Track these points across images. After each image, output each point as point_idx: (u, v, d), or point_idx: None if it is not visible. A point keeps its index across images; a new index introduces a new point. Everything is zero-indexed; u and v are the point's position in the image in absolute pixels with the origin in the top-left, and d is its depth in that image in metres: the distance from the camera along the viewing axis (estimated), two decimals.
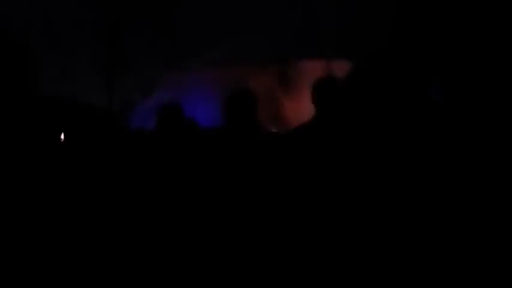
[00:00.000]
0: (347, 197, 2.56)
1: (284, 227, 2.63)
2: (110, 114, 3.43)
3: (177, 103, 3.42)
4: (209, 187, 2.81)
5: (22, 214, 2.59)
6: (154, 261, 2.75)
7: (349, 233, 2.52)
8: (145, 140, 3.42)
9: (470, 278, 2.33)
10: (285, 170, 2.74)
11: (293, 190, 2.68)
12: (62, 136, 2.92)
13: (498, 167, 2.48)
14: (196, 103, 7.26)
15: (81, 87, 7.89)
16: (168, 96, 8.16)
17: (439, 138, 2.56)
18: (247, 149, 2.85)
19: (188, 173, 2.91)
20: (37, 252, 2.58)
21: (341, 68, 8.07)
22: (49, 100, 3.00)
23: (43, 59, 8.10)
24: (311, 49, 8.63)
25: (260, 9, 8.40)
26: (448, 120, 2.67)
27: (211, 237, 2.69)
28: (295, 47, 8.65)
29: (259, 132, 2.98)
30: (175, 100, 7.38)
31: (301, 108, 8.57)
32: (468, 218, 2.44)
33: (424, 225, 2.49)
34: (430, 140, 2.54)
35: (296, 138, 2.89)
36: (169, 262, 2.75)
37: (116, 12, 8.68)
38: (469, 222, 2.44)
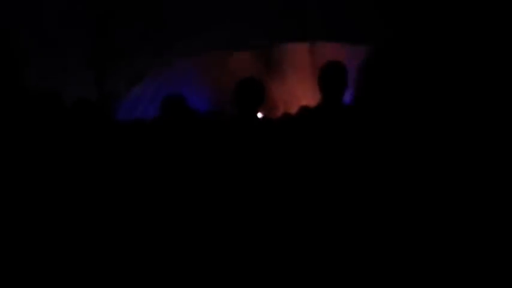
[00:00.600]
0: (350, 189, 2.56)
1: (291, 221, 2.65)
2: (96, 106, 3.48)
3: (180, 94, 3.46)
4: (221, 176, 2.85)
5: (11, 210, 2.63)
6: (157, 256, 2.81)
7: (351, 227, 2.52)
8: (150, 130, 3.44)
9: (470, 278, 2.34)
10: (292, 157, 2.76)
11: (300, 182, 2.71)
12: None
13: (499, 167, 2.45)
14: (186, 87, 7.33)
15: (71, 81, 7.93)
16: (154, 87, 8.27)
17: (443, 135, 2.45)
18: (258, 137, 2.91)
19: (199, 162, 2.98)
20: (31, 250, 2.61)
21: (325, 49, 8.15)
22: (35, 94, 3.03)
23: (32, 53, 8.16)
24: (295, 31, 8.67)
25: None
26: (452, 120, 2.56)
27: (218, 230, 2.75)
28: (279, 30, 8.68)
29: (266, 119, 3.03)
30: (162, 90, 7.51)
31: (286, 90, 8.67)
32: (468, 217, 2.43)
33: (426, 223, 2.46)
34: (434, 137, 2.42)
35: (303, 125, 2.89)
36: (172, 257, 2.81)
37: (104, 4, 8.69)
38: (469, 222, 2.43)
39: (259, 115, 5.86)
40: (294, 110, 3.43)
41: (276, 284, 2.56)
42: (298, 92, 8.14)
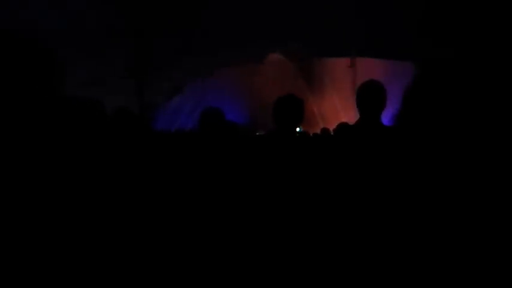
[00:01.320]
0: (375, 207, 2.58)
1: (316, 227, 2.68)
2: (136, 116, 3.54)
3: (217, 108, 3.53)
4: (254, 189, 2.90)
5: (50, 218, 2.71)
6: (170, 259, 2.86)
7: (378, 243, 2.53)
8: (187, 142, 3.50)
9: (470, 278, 2.28)
10: (325, 173, 2.79)
11: (330, 197, 2.73)
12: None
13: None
14: (220, 102, 7.40)
15: (111, 91, 8.14)
16: (193, 98, 8.38)
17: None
18: (296, 151, 2.95)
19: (234, 176, 3.04)
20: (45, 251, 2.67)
21: (366, 65, 8.10)
22: (76, 102, 3.10)
23: (74, 63, 8.43)
24: (337, 46, 8.67)
25: (284, 10, 8.49)
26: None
27: (241, 237, 2.80)
28: (321, 43, 8.70)
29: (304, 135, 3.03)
30: (198, 101, 7.60)
31: (326, 105, 8.64)
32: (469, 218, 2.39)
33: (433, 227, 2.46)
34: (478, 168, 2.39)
35: (338, 143, 2.91)
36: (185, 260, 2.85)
37: (145, 18, 8.89)
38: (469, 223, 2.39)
39: (298, 129, 5.85)
40: (333, 125, 3.42)
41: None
42: (338, 108, 8.10)
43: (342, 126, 3.07)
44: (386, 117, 3.02)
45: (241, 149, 3.17)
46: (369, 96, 2.83)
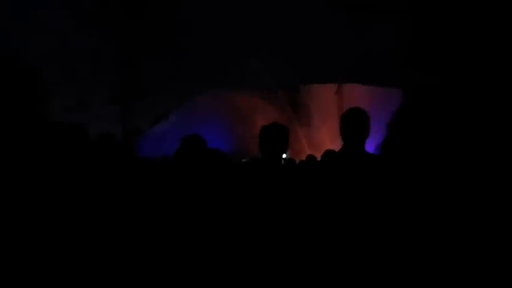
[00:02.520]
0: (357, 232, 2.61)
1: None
2: (119, 141, 3.54)
3: (197, 134, 3.56)
4: (238, 215, 2.92)
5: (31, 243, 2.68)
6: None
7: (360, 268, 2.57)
8: (167, 168, 3.51)
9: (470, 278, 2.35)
10: (309, 200, 2.82)
11: (314, 223, 2.76)
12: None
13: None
14: (206, 129, 7.42)
15: (95, 116, 8.11)
16: (177, 126, 8.40)
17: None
18: (280, 179, 2.97)
19: (216, 203, 3.05)
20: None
21: (351, 92, 8.21)
22: (59, 126, 3.09)
23: (58, 87, 8.42)
24: (323, 73, 8.76)
25: (269, 36, 8.60)
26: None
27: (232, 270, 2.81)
28: (307, 70, 8.79)
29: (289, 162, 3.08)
30: (183, 127, 7.62)
31: (312, 132, 8.72)
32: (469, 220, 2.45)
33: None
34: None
35: (323, 169, 2.94)
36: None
37: (131, 44, 8.96)
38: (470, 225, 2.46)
39: (284, 156, 5.88)
40: (318, 151, 3.46)
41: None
42: (325, 136, 8.17)
43: (328, 154, 3.10)
44: (371, 145, 3.06)
45: (223, 175, 3.18)
46: (352, 124, 2.87)
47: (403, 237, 2.53)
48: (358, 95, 7.95)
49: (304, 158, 5.53)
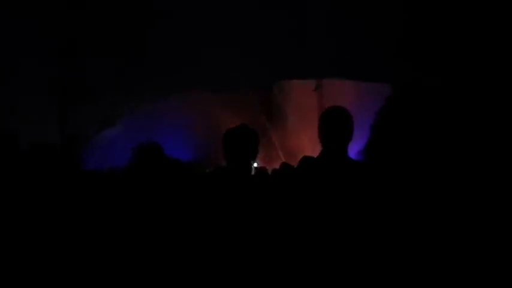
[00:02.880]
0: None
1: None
2: (58, 151, 3.49)
3: (155, 142, 3.54)
4: (201, 235, 2.93)
5: None
6: None
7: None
8: (120, 183, 3.49)
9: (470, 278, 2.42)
10: (283, 216, 2.84)
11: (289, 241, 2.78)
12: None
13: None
14: (164, 135, 7.35)
15: (30, 120, 7.95)
16: (130, 130, 8.31)
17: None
18: (250, 191, 2.97)
19: (177, 220, 3.06)
20: None
21: (333, 89, 8.26)
22: None
23: None
24: (300, 68, 8.75)
25: (239, 29, 8.56)
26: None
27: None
28: (280, 66, 8.78)
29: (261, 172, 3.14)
30: (138, 134, 7.54)
31: (288, 137, 8.72)
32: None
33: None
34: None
35: (299, 180, 2.95)
36: None
37: (72, 34, 8.80)
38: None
39: (255, 165, 5.90)
40: (297, 159, 3.48)
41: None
42: (303, 141, 8.19)
43: (305, 160, 3.12)
44: (355, 149, 3.08)
45: (184, 190, 3.17)
46: (333, 125, 2.89)
47: (389, 248, 2.58)
48: (340, 92, 8.00)
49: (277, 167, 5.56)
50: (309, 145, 7.66)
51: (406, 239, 2.57)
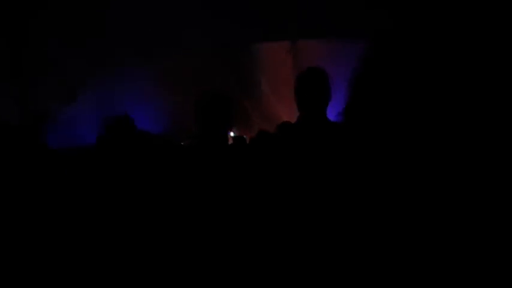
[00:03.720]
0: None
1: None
2: (18, 128, 3.41)
3: (126, 114, 3.47)
4: (185, 212, 2.90)
5: None
6: None
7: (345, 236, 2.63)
8: (90, 158, 3.43)
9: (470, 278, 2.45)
10: (262, 185, 2.82)
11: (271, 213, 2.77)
12: None
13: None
14: (132, 104, 7.26)
15: None
16: (93, 104, 8.19)
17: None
18: (225, 162, 2.94)
19: (151, 192, 3.02)
20: None
21: (307, 50, 8.20)
22: None
23: None
24: (271, 29, 8.67)
25: None
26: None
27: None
28: (250, 28, 8.68)
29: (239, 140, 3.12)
30: (105, 108, 7.44)
31: (262, 103, 8.69)
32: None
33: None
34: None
35: (277, 146, 2.92)
36: None
37: (27, 5, 8.56)
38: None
39: (231, 134, 5.86)
40: (273, 126, 3.46)
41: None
42: (278, 106, 8.15)
43: (282, 126, 3.10)
44: (334, 110, 3.05)
45: (157, 162, 3.12)
46: (309, 87, 2.85)
47: (373, 219, 2.58)
48: (316, 52, 7.95)
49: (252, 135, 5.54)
50: (286, 109, 7.63)
51: (391, 204, 2.58)
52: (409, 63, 2.08)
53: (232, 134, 5.94)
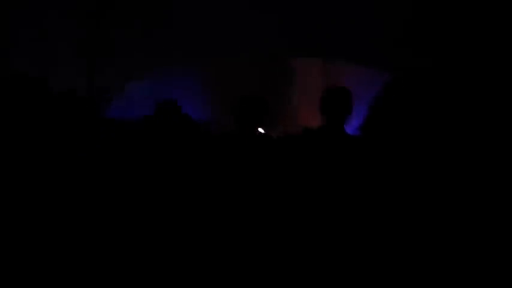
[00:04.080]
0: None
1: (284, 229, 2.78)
2: (83, 99, 3.51)
3: (174, 99, 3.59)
4: (210, 187, 2.97)
5: None
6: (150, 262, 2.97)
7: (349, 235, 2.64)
8: (140, 132, 3.51)
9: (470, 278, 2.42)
10: (284, 176, 2.88)
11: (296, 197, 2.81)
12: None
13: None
14: (181, 97, 7.35)
15: (60, 71, 7.97)
16: (151, 88, 8.34)
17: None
18: (253, 152, 3.03)
19: (189, 170, 3.12)
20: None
21: (340, 70, 8.19)
22: (20, 78, 3.07)
23: (22, 40, 8.23)
24: (309, 46, 8.69)
25: (257, 3, 8.50)
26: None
27: (209, 239, 2.91)
28: (290, 44, 8.72)
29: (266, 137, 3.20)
30: (158, 91, 7.55)
31: (292, 110, 8.69)
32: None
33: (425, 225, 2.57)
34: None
35: (299, 146, 2.99)
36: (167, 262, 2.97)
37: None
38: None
39: (261, 131, 5.91)
40: (296, 131, 3.53)
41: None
42: (306, 113, 8.16)
43: (305, 131, 3.17)
44: (353, 126, 3.11)
45: (196, 145, 3.21)
46: (334, 102, 2.93)
47: (380, 222, 2.61)
48: (344, 74, 7.95)
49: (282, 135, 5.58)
50: (311, 118, 7.61)
51: (397, 211, 2.58)
52: (422, 102, 2.13)
53: (261, 130, 5.98)
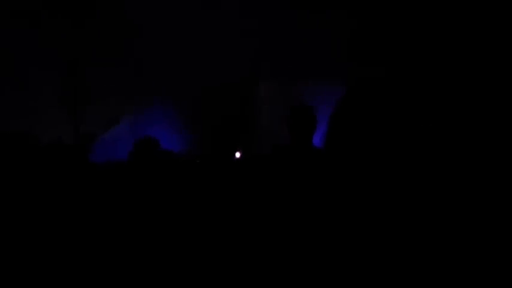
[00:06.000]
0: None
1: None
2: (70, 147, 3.53)
3: (153, 136, 3.62)
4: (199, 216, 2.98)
5: None
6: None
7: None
8: (122, 172, 3.53)
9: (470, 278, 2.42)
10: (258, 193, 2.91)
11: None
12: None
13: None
14: (160, 134, 7.39)
15: (42, 120, 7.91)
16: (132, 128, 8.38)
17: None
18: (232, 172, 3.06)
19: (170, 201, 3.14)
20: None
21: (299, 88, 8.32)
22: (6, 133, 3.06)
23: (3, 96, 8.17)
24: (270, 69, 8.81)
25: (221, 33, 8.59)
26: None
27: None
28: (259, 69, 8.85)
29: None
30: (139, 131, 7.58)
31: (259, 130, 8.77)
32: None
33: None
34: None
35: (270, 163, 3.03)
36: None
37: (76, 47, 8.77)
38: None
39: (238, 155, 5.95)
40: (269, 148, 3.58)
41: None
42: (275, 133, 8.23)
43: (276, 147, 3.23)
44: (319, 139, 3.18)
45: (175, 176, 3.25)
46: (300, 119, 3.01)
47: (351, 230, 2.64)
48: (307, 92, 8.08)
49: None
50: (281, 135, 7.68)
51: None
52: (375, 107, 2.19)
53: (238, 154, 6.06)
